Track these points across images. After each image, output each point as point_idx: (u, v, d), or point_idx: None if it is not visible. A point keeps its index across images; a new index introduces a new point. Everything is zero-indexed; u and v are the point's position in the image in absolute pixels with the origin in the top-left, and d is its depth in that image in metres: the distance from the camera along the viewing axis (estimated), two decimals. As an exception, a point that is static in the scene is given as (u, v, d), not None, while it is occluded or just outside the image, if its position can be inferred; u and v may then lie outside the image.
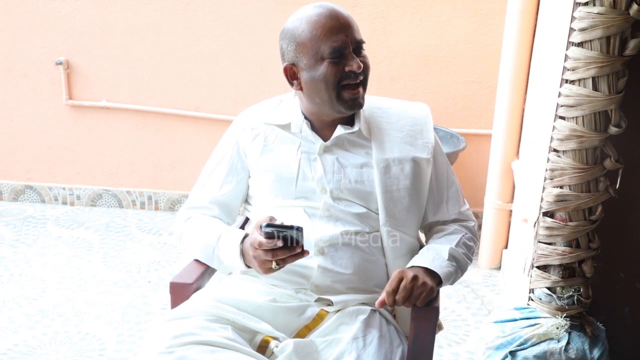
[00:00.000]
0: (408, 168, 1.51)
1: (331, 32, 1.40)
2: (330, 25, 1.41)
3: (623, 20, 1.58)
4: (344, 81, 1.43)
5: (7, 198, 3.71)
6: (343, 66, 1.42)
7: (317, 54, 1.41)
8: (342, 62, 1.42)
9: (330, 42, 1.40)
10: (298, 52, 1.44)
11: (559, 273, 1.79)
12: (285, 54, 1.48)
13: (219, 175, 1.61)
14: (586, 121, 1.66)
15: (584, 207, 1.72)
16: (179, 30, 3.34)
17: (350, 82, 1.44)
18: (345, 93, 1.44)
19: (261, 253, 1.34)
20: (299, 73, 1.47)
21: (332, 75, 1.42)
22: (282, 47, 1.49)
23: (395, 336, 1.46)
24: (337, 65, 1.42)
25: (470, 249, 1.58)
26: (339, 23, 1.42)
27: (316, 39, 1.41)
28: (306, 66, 1.44)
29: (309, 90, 1.47)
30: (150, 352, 1.26)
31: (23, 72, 3.50)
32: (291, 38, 1.45)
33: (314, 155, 1.52)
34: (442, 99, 3.27)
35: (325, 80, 1.43)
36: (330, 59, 1.41)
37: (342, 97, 1.45)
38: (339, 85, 1.43)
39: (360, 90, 1.46)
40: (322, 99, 1.46)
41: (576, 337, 1.79)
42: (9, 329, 2.41)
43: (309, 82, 1.45)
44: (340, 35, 1.41)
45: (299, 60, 1.45)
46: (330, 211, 1.49)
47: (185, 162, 3.55)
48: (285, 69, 1.49)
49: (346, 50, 1.42)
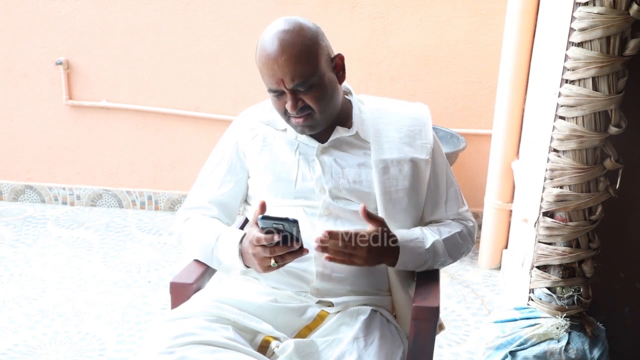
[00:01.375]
0: (407, 169, 1.51)
1: (267, 72, 1.42)
2: (267, 67, 1.41)
3: (623, 20, 1.58)
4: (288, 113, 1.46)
5: (7, 198, 3.71)
6: (284, 101, 1.45)
7: (265, 83, 1.46)
8: (283, 98, 1.44)
9: (268, 82, 1.44)
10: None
11: (559, 273, 1.79)
12: None
13: (218, 176, 1.61)
14: (586, 121, 1.66)
15: (584, 207, 1.72)
16: (179, 30, 3.34)
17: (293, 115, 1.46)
18: (293, 120, 1.47)
19: (260, 250, 1.34)
20: None
21: (277, 108, 1.48)
22: None
23: (395, 336, 1.46)
24: (279, 100, 1.45)
25: (459, 247, 1.54)
26: (276, 66, 1.39)
27: (261, 73, 1.45)
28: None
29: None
30: (150, 352, 1.26)
31: (23, 72, 3.50)
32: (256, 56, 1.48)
33: (312, 156, 1.52)
34: (442, 99, 3.27)
35: (275, 108, 1.49)
36: (272, 94, 1.45)
37: (291, 123, 1.49)
38: (285, 115, 1.47)
39: (307, 121, 1.46)
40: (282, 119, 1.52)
41: (576, 337, 1.79)
42: (9, 329, 2.41)
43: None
44: (277, 76, 1.40)
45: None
46: (329, 209, 1.49)
47: (185, 162, 3.55)
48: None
49: (284, 90, 1.42)
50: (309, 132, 1.50)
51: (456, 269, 3.02)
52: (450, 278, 2.92)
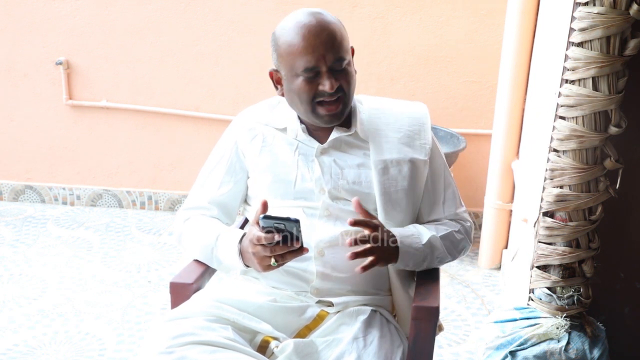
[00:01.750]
0: (406, 169, 1.51)
1: (306, 50, 1.39)
2: (306, 43, 1.38)
3: (623, 20, 1.58)
4: (319, 98, 1.43)
5: (7, 198, 3.71)
6: (317, 84, 1.42)
7: (292, 68, 1.42)
8: (317, 80, 1.41)
9: (305, 60, 1.39)
10: (279, 62, 1.46)
11: (559, 273, 1.79)
12: (272, 58, 1.50)
13: (218, 176, 1.61)
14: (586, 121, 1.66)
15: (584, 207, 1.72)
16: (179, 30, 3.34)
17: (324, 100, 1.43)
18: (320, 109, 1.44)
19: (260, 249, 1.33)
20: (281, 79, 1.48)
21: (305, 92, 1.43)
22: (271, 49, 1.50)
23: (395, 336, 1.46)
24: (310, 83, 1.42)
25: (457, 244, 1.54)
26: (317, 41, 1.38)
27: (292, 54, 1.41)
28: (285, 77, 1.46)
29: (288, 99, 1.50)
30: (150, 352, 1.26)
31: (23, 72, 3.50)
32: (275, 46, 1.46)
33: (311, 157, 1.52)
34: (442, 99, 3.27)
35: (299, 95, 1.44)
36: (304, 77, 1.41)
37: (317, 112, 1.45)
38: (314, 101, 1.44)
39: (338, 107, 1.45)
40: (299, 110, 1.49)
41: (576, 337, 1.79)
42: (9, 329, 2.41)
43: (287, 93, 1.48)
44: (316, 54, 1.39)
45: (280, 68, 1.47)
46: (329, 210, 1.49)
47: (185, 162, 3.55)
48: (270, 74, 1.51)
49: (321, 70, 1.41)
50: (336, 121, 1.47)
51: (456, 269, 3.02)
52: (450, 278, 2.92)
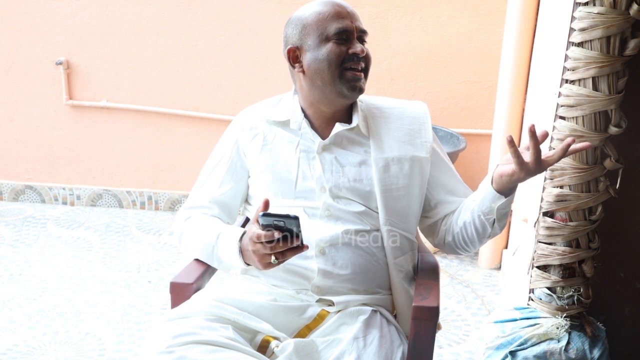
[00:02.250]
0: (407, 167, 1.52)
1: (338, 15, 1.46)
2: (337, 10, 1.47)
3: (623, 20, 1.58)
4: (347, 63, 1.46)
5: (7, 198, 3.71)
6: (347, 48, 1.46)
7: (323, 33, 1.46)
8: (347, 45, 1.46)
9: (337, 23, 1.45)
10: (303, 34, 1.48)
11: (559, 273, 1.79)
12: (289, 39, 1.51)
13: (218, 175, 1.61)
14: (586, 121, 1.66)
15: (584, 207, 1.72)
16: (179, 30, 3.34)
17: (352, 65, 1.46)
18: (348, 73, 1.46)
19: (260, 247, 1.33)
20: (301, 55, 1.49)
21: (336, 55, 1.45)
22: (286, 34, 1.52)
23: (395, 336, 1.46)
24: (341, 47, 1.46)
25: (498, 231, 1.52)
26: (346, 11, 1.48)
27: (323, 20, 1.46)
28: (310, 47, 1.47)
29: (312, 71, 1.48)
30: (150, 351, 1.26)
31: (23, 72, 3.50)
32: (297, 22, 1.49)
33: (312, 154, 1.52)
34: (442, 99, 3.27)
35: (329, 59, 1.45)
36: (336, 39, 1.45)
37: (344, 76, 1.46)
38: (342, 66, 1.46)
39: (362, 75, 1.49)
40: (324, 80, 1.47)
41: (576, 337, 1.79)
42: (9, 329, 2.41)
43: (312, 63, 1.47)
44: (347, 20, 1.46)
45: (303, 42, 1.48)
46: (330, 210, 1.49)
47: (185, 162, 3.55)
48: (288, 51, 1.51)
49: (351, 35, 1.46)
50: (357, 92, 1.49)
51: (456, 269, 3.02)
52: (450, 278, 2.92)
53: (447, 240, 1.57)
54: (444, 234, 1.57)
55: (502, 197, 1.41)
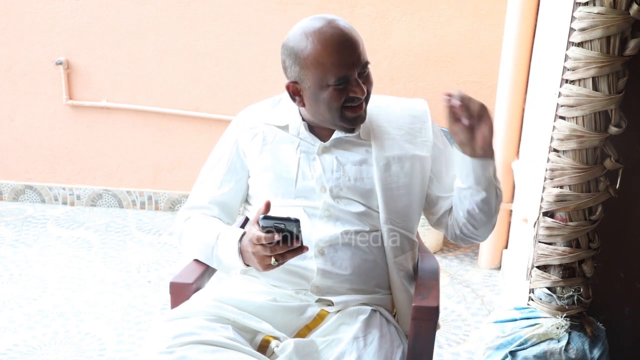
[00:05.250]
0: (408, 166, 1.52)
1: (337, 62, 1.38)
2: (336, 56, 1.38)
3: (623, 20, 1.58)
4: (347, 103, 1.43)
5: (7, 198, 3.71)
6: (347, 92, 1.41)
7: (323, 80, 1.40)
8: (347, 88, 1.41)
9: (337, 70, 1.38)
10: (302, 74, 1.42)
11: (559, 273, 1.79)
12: (288, 71, 1.46)
13: (218, 175, 1.61)
14: (586, 121, 1.66)
15: (584, 207, 1.72)
16: (179, 30, 3.34)
17: (353, 105, 1.44)
18: (348, 112, 1.44)
19: (260, 248, 1.33)
20: (302, 91, 1.46)
21: (336, 100, 1.42)
22: (284, 62, 1.46)
23: (395, 336, 1.46)
24: (341, 92, 1.41)
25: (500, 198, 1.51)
26: (346, 53, 1.39)
27: (321, 67, 1.38)
28: (309, 88, 1.43)
29: (312, 108, 1.47)
30: (150, 351, 1.26)
31: (23, 72, 3.50)
32: (295, 58, 1.42)
33: (312, 155, 1.52)
34: (442, 99, 3.27)
35: (329, 105, 1.43)
36: (335, 86, 1.41)
37: (345, 116, 1.45)
38: (342, 107, 1.44)
39: (363, 108, 1.46)
40: (325, 117, 1.47)
41: (576, 337, 1.79)
42: (9, 329, 2.41)
43: (312, 102, 1.45)
44: (346, 65, 1.39)
45: (302, 81, 1.43)
46: (330, 211, 1.49)
47: (185, 162, 3.55)
48: (287, 87, 1.47)
49: (351, 77, 1.41)
50: (361, 122, 1.48)
51: (456, 269, 3.02)
52: (450, 278, 2.92)
53: (457, 234, 1.55)
54: (453, 229, 1.55)
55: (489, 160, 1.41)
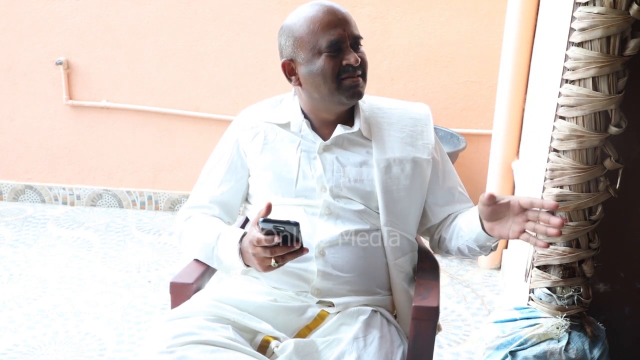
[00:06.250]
0: (408, 168, 1.52)
1: (328, 25, 1.42)
2: (327, 19, 1.43)
3: (623, 20, 1.57)
4: (343, 74, 1.44)
5: (7, 198, 3.71)
6: (340, 60, 1.43)
7: (315, 47, 1.42)
8: (340, 56, 1.43)
9: (328, 35, 1.42)
10: (296, 47, 1.45)
11: (559, 273, 1.79)
12: (284, 50, 1.49)
13: (219, 175, 1.61)
14: (586, 121, 1.66)
15: (584, 207, 1.72)
16: (179, 30, 3.34)
17: (348, 75, 1.44)
18: (345, 82, 1.44)
19: (260, 250, 1.33)
20: (297, 68, 1.47)
21: (330, 68, 1.42)
22: (280, 43, 1.50)
23: (395, 336, 1.46)
24: (334, 59, 1.43)
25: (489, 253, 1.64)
26: (337, 18, 1.44)
27: (313, 33, 1.42)
28: (304, 60, 1.44)
29: (308, 85, 1.47)
30: (151, 351, 1.26)
31: (23, 72, 3.50)
32: (289, 34, 1.46)
33: (313, 154, 1.52)
34: (442, 99, 3.27)
35: (324, 73, 1.43)
36: (328, 52, 1.42)
37: (342, 86, 1.44)
38: (338, 77, 1.44)
39: (360, 80, 1.46)
40: (321, 93, 1.46)
41: (576, 337, 1.79)
42: (9, 329, 2.41)
43: (307, 77, 1.46)
44: (338, 29, 1.42)
45: (296, 55, 1.46)
46: (330, 209, 1.49)
47: (185, 162, 3.55)
48: (283, 65, 1.49)
49: (343, 45, 1.43)
50: (357, 97, 1.48)
51: (456, 269, 3.02)
52: (450, 278, 2.92)
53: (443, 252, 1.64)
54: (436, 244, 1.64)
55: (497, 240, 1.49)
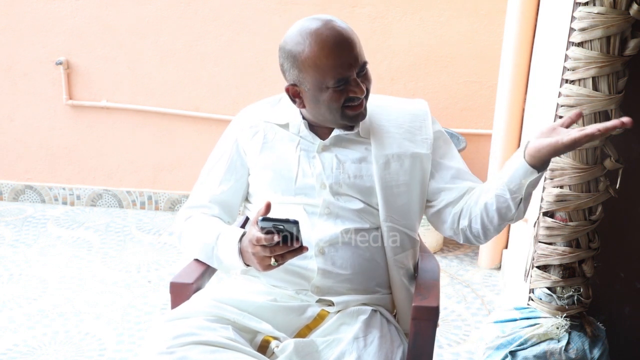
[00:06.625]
0: (407, 163, 1.52)
1: (335, 63, 1.38)
2: (334, 58, 1.38)
3: (623, 20, 1.58)
4: (348, 103, 1.43)
5: (7, 198, 3.71)
6: (347, 92, 1.42)
7: (322, 83, 1.40)
8: (346, 88, 1.41)
9: (335, 72, 1.38)
10: (301, 76, 1.42)
11: (559, 273, 1.79)
12: (287, 74, 1.46)
13: (218, 174, 1.61)
14: (586, 121, 1.66)
15: (584, 207, 1.72)
16: (179, 30, 3.34)
17: (353, 104, 1.44)
18: (348, 111, 1.45)
19: (260, 249, 1.33)
20: (301, 93, 1.46)
21: (336, 101, 1.42)
22: (282, 65, 1.46)
23: (395, 336, 1.46)
24: (341, 92, 1.41)
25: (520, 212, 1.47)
26: (344, 54, 1.38)
27: (319, 70, 1.39)
28: (309, 90, 1.43)
29: (312, 109, 1.48)
30: (150, 352, 1.26)
31: (23, 72, 3.49)
32: (293, 61, 1.42)
33: (312, 153, 1.53)
34: (442, 99, 3.27)
35: (329, 105, 1.43)
36: (335, 87, 1.41)
37: (345, 114, 1.45)
38: (343, 106, 1.44)
39: (363, 105, 1.46)
40: (325, 118, 1.48)
41: (576, 337, 1.79)
42: (9, 329, 2.41)
43: (312, 104, 1.46)
44: (345, 64, 1.38)
45: (301, 83, 1.44)
46: (329, 208, 1.49)
47: (185, 162, 3.55)
48: (287, 89, 1.48)
49: (350, 78, 1.41)
50: (362, 119, 1.48)
51: (456, 269, 3.02)
52: (450, 278, 2.92)
53: (462, 226, 1.49)
54: (456, 219, 1.50)
55: (535, 172, 1.35)
